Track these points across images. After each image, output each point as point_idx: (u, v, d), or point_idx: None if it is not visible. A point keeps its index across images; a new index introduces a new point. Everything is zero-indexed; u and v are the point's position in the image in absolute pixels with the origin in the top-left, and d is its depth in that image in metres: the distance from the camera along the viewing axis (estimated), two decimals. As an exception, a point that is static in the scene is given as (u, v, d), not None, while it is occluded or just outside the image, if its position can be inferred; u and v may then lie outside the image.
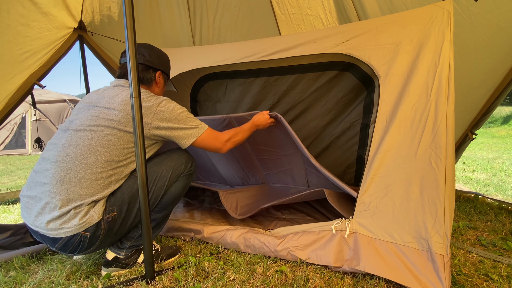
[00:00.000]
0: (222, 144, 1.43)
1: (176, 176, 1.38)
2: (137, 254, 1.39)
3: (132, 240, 1.35)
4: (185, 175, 1.42)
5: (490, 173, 3.67)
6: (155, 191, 1.33)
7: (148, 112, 1.25)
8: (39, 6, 2.01)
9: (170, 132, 1.30)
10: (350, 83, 2.27)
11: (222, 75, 2.62)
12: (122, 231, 1.29)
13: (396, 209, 1.28)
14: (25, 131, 7.55)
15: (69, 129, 1.25)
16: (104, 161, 1.19)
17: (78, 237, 1.15)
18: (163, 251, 1.46)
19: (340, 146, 2.48)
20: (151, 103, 1.26)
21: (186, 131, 1.32)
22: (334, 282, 1.23)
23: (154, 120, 1.26)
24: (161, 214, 1.39)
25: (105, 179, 1.20)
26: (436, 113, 1.32)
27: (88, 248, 1.21)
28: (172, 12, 2.81)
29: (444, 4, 1.46)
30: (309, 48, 1.80)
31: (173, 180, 1.38)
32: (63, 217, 1.13)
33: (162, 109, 1.27)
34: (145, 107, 1.24)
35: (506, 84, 2.14)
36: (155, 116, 1.26)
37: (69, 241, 1.15)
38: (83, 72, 2.55)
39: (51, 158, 1.20)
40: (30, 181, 1.23)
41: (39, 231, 1.17)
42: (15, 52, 2.03)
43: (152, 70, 1.40)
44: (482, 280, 1.24)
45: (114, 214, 1.22)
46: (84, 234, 1.16)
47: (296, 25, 2.73)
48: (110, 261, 1.33)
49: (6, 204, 2.61)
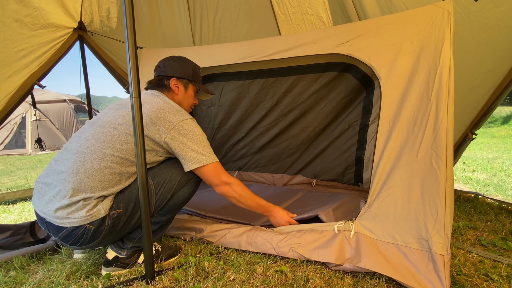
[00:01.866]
0: (219, 181, 1.38)
1: (185, 181, 1.39)
2: (137, 255, 1.40)
3: (134, 241, 1.35)
4: (193, 181, 1.42)
5: (490, 173, 3.67)
6: (162, 193, 1.33)
7: (170, 124, 1.30)
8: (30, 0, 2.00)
9: (181, 148, 1.31)
10: (350, 84, 2.27)
11: (220, 76, 2.62)
12: (125, 230, 1.29)
13: (397, 210, 1.29)
14: (25, 131, 7.55)
15: (95, 124, 1.31)
16: (119, 158, 1.24)
17: (82, 229, 1.17)
18: (164, 252, 1.46)
19: (339, 147, 2.48)
20: (174, 118, 1.32)
21: (195, 154, 1.32)
22: (334, 282, 1.23)
23: (172, 131, 1.30)
24: (165, 217, 1.40)
25: (117, 175, 1.23)
26: (436, 113, 1.32)
27: (90, 242, 1.21)
28: (172, 12, 2.81)
29: (444, 4, 1.46)
30: (309, 49, 1.80)
31: (181, 185, 1.38)
32: (72, 206, 1.16)
33: (183, 125, 1.32)
34: (167, 120, 1.30)
35: (506, 84, 2.14)
36: (174, 129, 1.30)
37: (72, 231, 1.17)
38: (83, 72, 2.55)
39: (73, 149, 1.25)
40: (48, 169, 1.27)
41: (46, 218, 1.19)
42: (11, 50, 2.02)
43: (166, 78, 1.47)
44: (482, 280, 1.24)
45: (120, 211, 1.23)
46: (88, 227, 1.17)
47: (296, 25, 2.73)
48: (111, 260, 1.33)
49: (6, 204, 2.61)
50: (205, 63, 2.14)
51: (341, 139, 2.46)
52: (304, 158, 2.63)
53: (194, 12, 2.85)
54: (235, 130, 2.78)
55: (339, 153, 2.48)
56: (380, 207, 1.33)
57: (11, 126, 7.33)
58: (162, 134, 1.29)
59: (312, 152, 2.60)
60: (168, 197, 1.35)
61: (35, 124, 7.39)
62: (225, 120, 2.78)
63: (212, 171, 1.36)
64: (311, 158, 2.60)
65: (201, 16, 2.86)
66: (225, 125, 2.79)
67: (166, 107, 1.34)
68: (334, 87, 2.35)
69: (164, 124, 1.30)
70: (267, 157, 2.73)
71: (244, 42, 2.09)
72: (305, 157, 2.63)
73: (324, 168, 2.57)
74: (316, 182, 2.55)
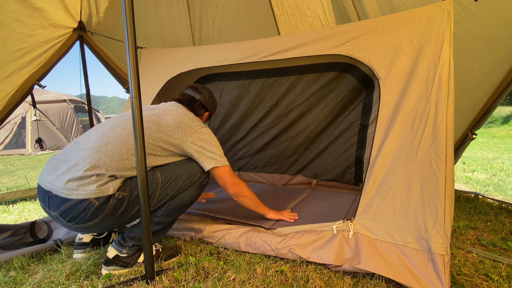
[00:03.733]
0: (231, 183, 1.51)
1: (190, 182, 1.44)
2: (138, 254, 1.40)
3: (135, 239, 1.36)
4: (198, 185, 1.47)
5: (490, 173, 3.67)
6: (166, 189, 1.37)
7: (190, 129, 1.45)
8: (31, 1, 2.00)
9: (201, 150, 1.45)
10: (350, 84, 2.27)
11: (220, 76, 2.62)
12: (124, 217, 1.30)
13: (397, 210, 1.29)
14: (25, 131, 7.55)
15: (123, 117, 1.42)
16: None
17: (86, 203, 1.20)
18: (164, 252, 1.46)
19: (339, 147, 2.48)
20: (196, 124, 1.49)
21: (214, 156, 1.46)
22: (334, 282, 1.23)
23: (193, 135, 1.44)
24: (168, 219, 1.42)
25: (133, 162, 1.30)
26: (436, 113, 1.32)
27: (89, 220, 1.22)
28: (172, 12, 2.81)
29: (444, 4, 1.46)
30: (309, 49, 1.80)
31: (186, 185, 1.42)
32: (84, 179, 1.20)
33: (202, 131, 1.48)
34: (190, 125, 1.46)
35: (506, 84, 2.14)
36: (194, 135, 1.44)
37: (76, 204, 1.20)
38: (83, 72, 2.55)
39: (98, 132, 1.35)
40: (66, 149, 1.35)
41: (52, 191, 1.23)
42: (10, 49, 2.02)
43: (204, 109, 1.66)
44: (482, 280, 1.24)
45: (125, 194, 1.26)
46: (93, 201, 1.20)
47: (295, 26, 2.73)
48: (111, 259, 1.34)
49: (6, 204, 2.61)
50: (205, 63, 2.14)
51: (341, 139, 2.46)
52: (304, 158, 2.63)
53: (193, 13, 2.85)
54: (235, 130, 2.78)
55: (339, 153, 2.48)
56: (379, 206, 1.32)
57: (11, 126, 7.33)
58: (184, 137, 1.43)
59: (312, 152, 2.60)
60: (171, 194, 1.38)
61: (35, 124, 7.39)
62: (225, 120, 2.78)
63: (227, 172, 1.49)
64: (311, 158, 2.60)
65: (200, 17, 2.86)
66: (225, 125, 2.80)
67: (188, 116, 1.52)
68: (334, 87, 2.35)
69: (186, 128, 1.45)
70: (267, 157, 2.73)
71: (244, 42, 2.08)
72: (305, 157, 2.63)
73: (324, 168, 2.57)
74: (316, 182, 2.55)
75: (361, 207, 1.37)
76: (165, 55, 2.34)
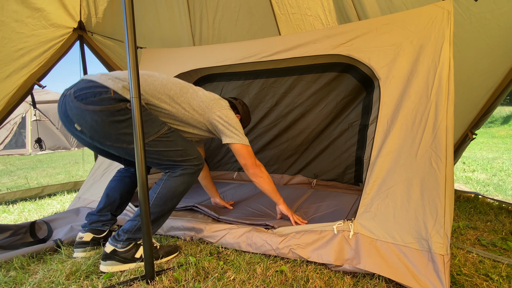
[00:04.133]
0: (252, 162, 1.58)
1: (181, 156, 1.41)
2: (135, 248, 1.40)
3: (129, 233, 1.36)
4: (187, 172, 1.42)
5: (490, 173, 3.67)
6: (161, 142, 1.37)
7: (221, 107, 1.56)
8: (32, 1, 2.00)
9: (224, 126, 1.54)
10: (350, 84, 2.27)
11: (220, 76, 2.62)
12: (119, 138, 1.30)
13: (397, 210, 1.29)
14: (25, 131, 7.56)
15: None
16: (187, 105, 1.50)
17: (104, 89, 1.26)
18: (162, 249, 1.46)
19: (339, 147, 2.48)
20: (228, 107, 1.61)
21: (233, 134, 1.55)
22: (334, 282, 1.23)
23: (220, 112, 1.54)
24: (159, 209, 1.38)
25: (162, 96, 1.42)
26: (436, 113, 1.32)
27: (94, 104, 1.24)
28: (172, 12, 2.81)
29: (444, 4, 1.46)
30: (309, 49, 1.80)
31: (177, 159, 1.40)
32: (117, 80, 1.31)
33: (230, 113, 1.59)
34: (222, 104, 1.58)
35: (506, 84, 2.14)
36: (223, 111, 1.55)
37: (96, 87, 1.27)
38: (83, 72, 2.55)
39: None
40: None
41: (87, 78, 1.32)
42: (9, 49, 2.02)
43: (236, 111, 1.74)
44: (482, 280, 1.24)
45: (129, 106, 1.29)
46: (111, 91, 1.26)
47: (295, 25, 2.73)
48: (109, 254, 1.35)
49: (6, 204, 2.61)
50: (205, 63, 2.14)
51: (341, 139, 2.46)
52: (304, 159, 2.63)
53: (194, 12, 2.85)
54: (235, 130, 2.78)
55: (339, 153, 2.48)
56: (379, 207, 1.32)
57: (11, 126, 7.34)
58: (213, 108, 1.54)
59: (312, 152, 2.60)
60: (160, 151, 1.37)
61: (35, 124, 7.39)
62: (225, 120, 2.78)
63: (247, 151, 1.57)
64: (311, 158, 2.60)
65: (200, 16, 2.86)
66: (225, 125, 2.79)
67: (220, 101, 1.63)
68: (334, 88, 2.35)
69: (218, 104, 1.56)
70: (267, 157, 2.73)
71: (244, 42, 2.08)
72: (305, 158, 2.63)
73: (324, 168, 2.57)
74: (316, 182, 2.55)
75: (361, 208, 1.37)
76: (165, 55, 2.34)
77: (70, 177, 4.06)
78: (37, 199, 2.79)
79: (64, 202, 2.65)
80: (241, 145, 1.55)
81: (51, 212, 2.36)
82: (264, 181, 1.62)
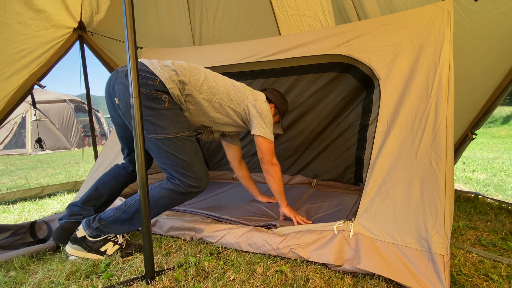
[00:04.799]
0: (269, 159, 1.63)
1: (183, 173, 1.37)
2: (103, 242, 1.43)
3: (102, 222, 1.40)
4: (177, 191, 1.38)
5: (490, 173, 3.67)
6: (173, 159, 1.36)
7: (257, 98, 1.63)
8: (35, 3, 2.01)
9: (255, 116, 1.59)
10: (350, 84, 2.27)
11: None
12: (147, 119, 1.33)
13: (397, 210, 1.29)
14: (25, 131, 7.56)
15: None
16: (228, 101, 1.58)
17: (152, 75, 1.35)
18: (128, 248, 1.49)
19: (338, 147, 2.48)
20: (264, 100, 1.67)
21: (260, 126, 1.60)
22: (334, 282, 1.23)
23: (256, 102, 1.60)
24: (134, 209, 1.37)
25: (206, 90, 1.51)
26: (436, 113, 1.32)
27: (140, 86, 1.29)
28: (172, 12, 2.81)
29: (444, 4, 1.46)
30: (309, 49, 1.80)
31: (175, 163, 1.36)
32: (167, 71, 1.39)
33: (263, 103, 1.65)
34: (258, 98, 1.64)
35: (506, 84, 2.14)
36: (259, 103, 1.61)
37: (146, 73, 1.35)
38: (83, 72, 2.55)
39: None
40: None
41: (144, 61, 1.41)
42: (11, 50, 2.03)
43: (268, 100, 1.76)
44: (482, 280, 1.24)
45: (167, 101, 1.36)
46: (157, 81, 1.34)
47: (295, 26, 2.73)
48: (78, 238, 1.40)
49: (6, 204, 2.61)
50: (205, 63, 2.14)
51: (341, 139, 2.46)
52: (304, 159, 2.63)
53: (194, 13, 2.85)
54: (235, 130, 2.78)
55: (339, 153, 2.48)
56: (379, 207, 1.32)
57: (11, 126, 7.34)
58: (249, 98, 1.60)
59: (312, 152, 2.60)
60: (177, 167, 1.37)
61: (35, 124, 7.40)
62: (225, 120, 2.78)
63: (268, 146, 1.61)
64: (311, 158, 2.60)
65: (200, 17, 2.86)
66: (225, 125, 2.79)
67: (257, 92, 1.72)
68: (334, 88, 2.35)
69: (256, 96, 1.64)
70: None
71: (244, 42, 2.09)
72: (305, 158, 2.63)
73: (324, 168, 2.57)
74: (316, 182, 2.55)
75: (361, 208, 1.37)
76: (165, 55, 2.34)
77: (70, 177, 4.06)
78: (37, 199, 2.79)
79: (64, 202, 2.65)
80: (264, 139, 1.59)
81: (51, 212, 2.36)
82: (274, 181, 1.66)
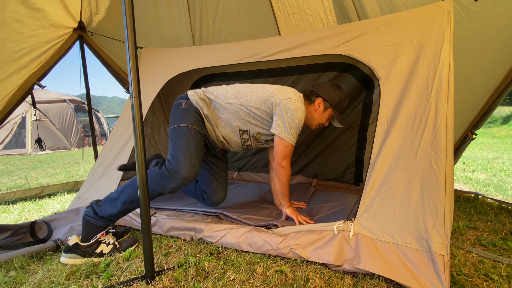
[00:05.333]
0: (279, 161, 1.61)
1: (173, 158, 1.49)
2: (96, 245, 1.45)
3: (98, 202, 1.48)
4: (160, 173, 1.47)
5: (490, 173, 3.67)
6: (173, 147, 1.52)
7: (287, 95, 1.57)
8: (32, 2, 2.00)
9: (278, 114, 1.56)
10: (350, 84, 2.27)
11: (220, 76, 2.62)
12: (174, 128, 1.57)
13: (397, 210, 1.29)
14: (25, 131, 7.56)
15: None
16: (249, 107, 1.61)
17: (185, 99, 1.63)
18: (121, 244, 1.53)
19: (338, 147, 2.48)
20: (296, 98, 1.60)
21: (281, 125, 1.55)
22: (334, 282, 1.23)
23: (284, 100, 1.55)
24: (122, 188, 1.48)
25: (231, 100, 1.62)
26: (436, 113, 1.32)
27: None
28: (172, 12, 2.81)
29: (444, 4, 1.46)
30: (309, 49, 1.80)
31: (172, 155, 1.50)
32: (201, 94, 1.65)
33: (292, 100, 1.57)
34: (289, 96, 1.57)
35: (506, 84, 2.14)
36: (287, 101, 1.55)
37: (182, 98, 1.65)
38: (83, 72, 2.55)
39: None
40: None
41: None
42: (10, 49, 2.02)
43: (315, 95, 1.69)
44: (482, 280, 1.24)
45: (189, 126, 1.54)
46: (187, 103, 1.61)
47: (295, 25, 2.72)
48: (71, 247, 1.41)
49: (6, 204, 2.61)
50: (205, 63, 2.14)
51: (341, 139, 2.46)
52: (304, 159, 2.63)
53: (194, 12, 2.84)
54: (235, 130, 2.77)
55: (339, 153, 2.48)
56: (379, 207, 1.32)
57: (11, 126, 7.34)
58: (278, 94, 1.58)
59: (312, 152, 2.59)
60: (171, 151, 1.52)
61: (35, 124, 7.40)
62: (225, 120, 2.78)
63: (283, 148, 1.58)
64: (311, 158, 2.60)
65: (200, 16, 2.85)
66: (225, 125, 2.79)
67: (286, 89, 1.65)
68: (334, 87, 2.35)
69: (285, 93, 1.58)
70: (267, 157, 2.72)
71: (244, 42, 2.08)
72: (304, 158, 2.63)
73: (324, 168, 2.57)
74: (316, 182, 2.55)
75: (361, 208, 1.37)
76: (165, 55, 2.34)
77: (70, 177, 4.06)
78: (37, 199, 2.79)
79: (64, 202, 2.65)
80: (279, 139, 1.56)
81: (51, 212, 2.36)
82: (279, 182, 1.65)
